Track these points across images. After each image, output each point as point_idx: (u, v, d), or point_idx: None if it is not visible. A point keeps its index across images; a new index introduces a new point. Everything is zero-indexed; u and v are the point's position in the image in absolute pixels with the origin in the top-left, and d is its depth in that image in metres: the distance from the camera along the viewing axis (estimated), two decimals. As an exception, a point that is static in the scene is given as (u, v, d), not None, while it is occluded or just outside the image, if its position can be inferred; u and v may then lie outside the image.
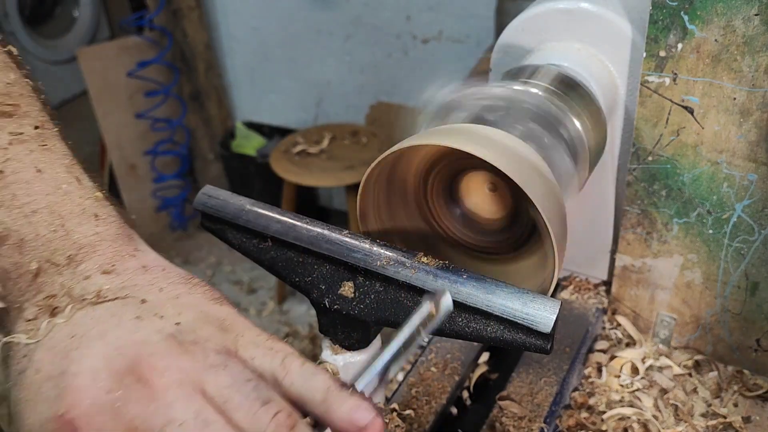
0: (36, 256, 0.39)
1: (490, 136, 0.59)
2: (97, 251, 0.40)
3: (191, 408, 0.34)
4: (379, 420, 0.37)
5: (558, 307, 0.49)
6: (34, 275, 0.39)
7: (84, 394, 0.33)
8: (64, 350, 0.35)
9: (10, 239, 0.39)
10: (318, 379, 0.38)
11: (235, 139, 3.11)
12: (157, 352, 0.35)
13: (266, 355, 0.38)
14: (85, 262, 0.39)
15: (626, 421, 0.76)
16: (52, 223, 0.40)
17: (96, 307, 0.37)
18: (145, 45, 2.93)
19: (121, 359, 0.34)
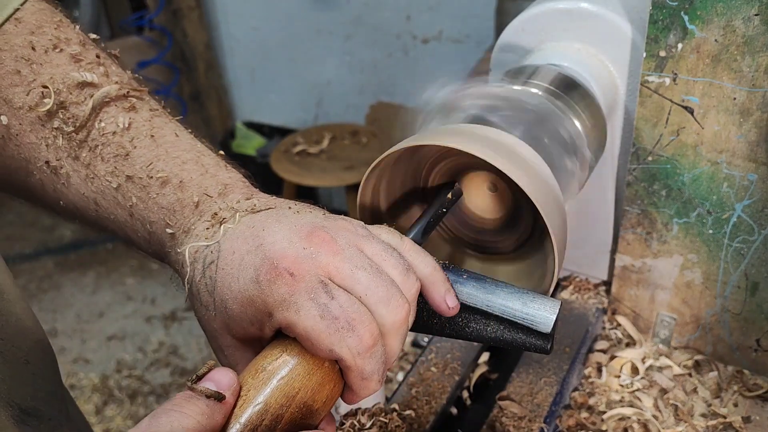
0: (194, 192, 0.49)
1: (490, 136, 0.59)
2: (237, 188, 0.50)
3: (365, 260, 0.44)
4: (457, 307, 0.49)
5: (558, 307, 0.49)
6: (196, 205, 0.48)
7: (287, 252, 0.43)
8: (252, 234, 0.45)
9: (172, 182, 0.49)
10: (428, 258, 0.49)
11: (235, 139, 3.11)
12: (325, 225, 0.45)
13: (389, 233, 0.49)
14: (231, 193, 0.49)
15: (626, 421, 0.76)
16: (200, 170, 0.50)
17: (256, 214, 0.47)
18: (145, 45, 2.93)
19: (303, 228, 0.44)
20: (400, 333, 0.45)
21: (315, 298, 0.42)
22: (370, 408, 0.70)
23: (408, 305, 0.45)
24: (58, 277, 2.92)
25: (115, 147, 0.50)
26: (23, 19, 0.52)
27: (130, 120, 0.51)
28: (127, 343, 2.57)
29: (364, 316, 0.42)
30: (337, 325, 0.41)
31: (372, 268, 0.44)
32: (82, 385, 2.40)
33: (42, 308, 2.75)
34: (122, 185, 0.50)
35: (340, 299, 0.42)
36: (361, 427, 0.67)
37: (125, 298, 2.79)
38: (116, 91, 0.51)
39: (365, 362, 0.43)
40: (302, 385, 0.42)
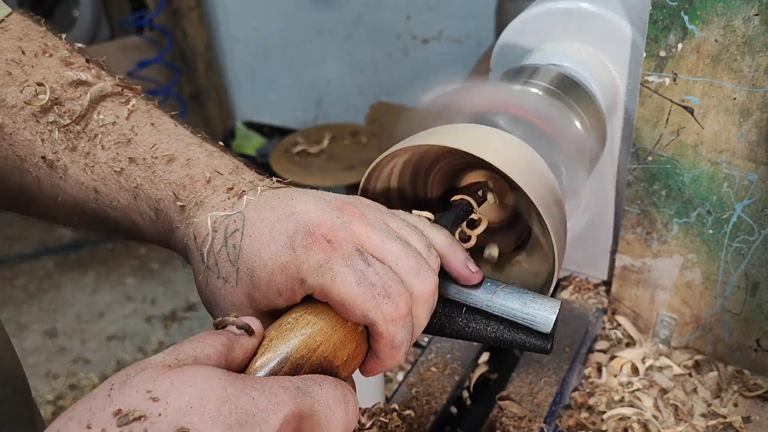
0: (204, 169, 0.49)
1: (490, 136, 0.59)
2: (248, 169, 0.51)
3: (392, 233, 0.46)
4: (480, 272, 0.51)
5: (558, 307, 0.49)
6: (207, 180, 0.48)
7: (322, 219, 0.44)
8: (281, 204, 0.45)
9: (178, 160, 0.49)
10: (444, 232, 0.51)
11: (235, 139, 3.11)
12: (351, 201, 0.47)
13: (406, 214, 0.50)
14: (245, 173, 0.50)
15: (626, 421, 0.76)
16: (205, 152, 0.50)
17: (278, 189, 0.48)
18: (145, 45, 2.93)
19: (333, 201, 0.46)
20: (429, 304, 0.46)
21: (352, 264, 0.43)
22: (370, 408, 0.70)
23: (435, 277, 0.46)
24: (58, 277, 2.92)
25: (116, 135, 0.50)
26: (9, 27, 0.52)
27: (129, 111, 0.51)
28: (127, 343, 2.57)
29: (399, 285, 0.43)
30: (373, 292, 0.42)
31: (399, 240, 0.45)
32: (82, 385, 2.40)
33: (42, 308, 2.75)
34: (125, 168, 0.50)
35: (376, 267, 0.43)
36: (361, 427, 0.67)
37: (125, 298, 2.79)
38: (112, 87, 0.52)
39: (397, 330, 0.43)
40: (324, 339, 0.42)
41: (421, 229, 0.49)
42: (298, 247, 0.43)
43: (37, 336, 2.61)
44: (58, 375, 2.44)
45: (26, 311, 2.73)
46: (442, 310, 0.52)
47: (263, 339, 0.41)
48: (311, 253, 0.43)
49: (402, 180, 0.63)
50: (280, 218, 0.44)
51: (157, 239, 0.51)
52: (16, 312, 2.73)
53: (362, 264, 0.43)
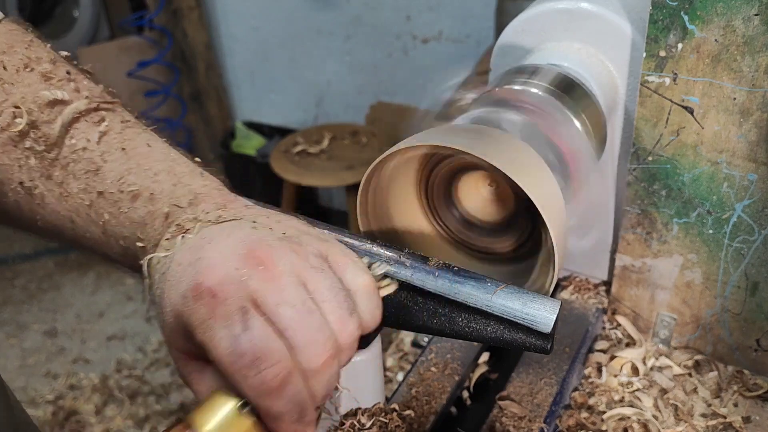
0: (165, 203, 0.48)
1: (490, 135, 0.59)
2: (209, 196, 0.49)
3: (299, 296, 0.41)
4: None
5: (558, 307, 0.49)
6: (165, 217, 0.47)
7: (218, 270, 0.41)
8: (198, 246, 0.43)
9: (143, 195, 0.49)
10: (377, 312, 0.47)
11: (235, 139, 3.11)
12: (272, 245, 0.43)
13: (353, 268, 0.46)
14: (202, 203, 0.48)
15: (626, 421, 0.76)
16: (172, 180, 0.49)
17: (218, 225, 0.46)
18: (145, 45, 2.92)
19: (243, 247, 0.42)
20: (323, 377, 0.42)
21: (229, 326, 0.40)
22: (370, 408, 0.70)
23: (332, 351, 0.42)
24: (58, 277, 2.92)
25: (86, 163, 0.49)
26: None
27: (100, 134, 0.50)
28: (127, 343, 2.57)
29: (274, 354, 0.40)
30: (242, 361, 0.39)
31: (303, 305, 0.41)
32: (82, 385, 2.40)
33: (42, 308, 2.75)
34: (94, 202, 0.49)
35: (254, 332, 0.40)
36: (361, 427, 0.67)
37: (125, 298, 2.79)
38: (86, 105, 0.51)
39: (271, 403, 0.41)
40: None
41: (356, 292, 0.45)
42: (188, 298, 0.41)
43: (37, 336, 2.61)
44: (58, 375, 2.44)
45: (26, 311, 2.73)
46: (442, 310, 0.52)
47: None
48: (196, 306, 0.41)
49: (403, 180, 0.63)
50: (191, 263, 0.42)
51: (130, 268, 0.51)
52: (16, 312, 2.73)
53: (239, 327, 0.40)
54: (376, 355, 0.61)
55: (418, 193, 0.65)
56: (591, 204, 0.84)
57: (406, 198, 0.65)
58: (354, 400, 0.63)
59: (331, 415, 0.64)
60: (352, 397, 0.62)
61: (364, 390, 0.62)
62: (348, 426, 0.66)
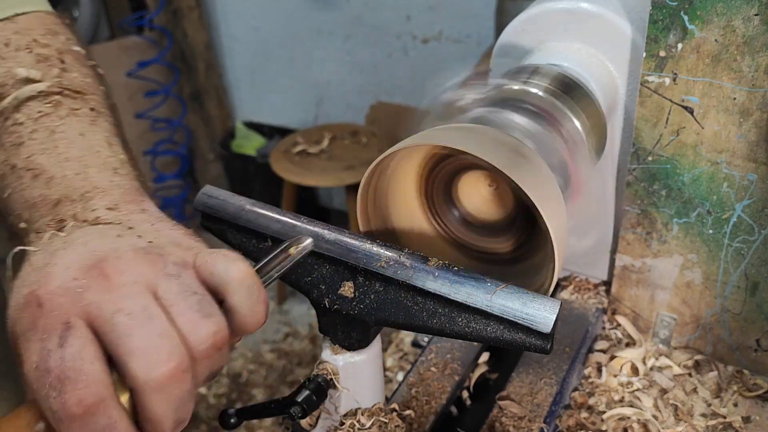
0: (59, 190, 0.47)
1: (489, 136, 0.59)
2: (107, 194, 0.48)
3: (140, 303, 0.38)
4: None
5: (558, 307, 0.49)
6: (54, 204, 0.46)
7: (54, 278, 0.39)
8: (53, 251, 0.41)
9: (43, 176, 0.48)
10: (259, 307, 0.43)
11: (235, 139, 3.11)
12: (123, 257, 0.40)
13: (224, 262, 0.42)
14: (94, 199, 0.47)
15: (626, 421, 0.76)
16: (78, 169, 0.48)
17: (91, 227, 0.44)
18: (145, 45, 2.92)
19: (91, 258, 0.40)
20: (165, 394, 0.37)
21: (45, 340, 0.36)
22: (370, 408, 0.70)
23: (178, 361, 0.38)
24: (58, 277, 2.91)
25: (15, 137, 0.50)
26: (17, 20, 0.55)
27: (40, 114, 0.51)
28: (127, 343, 2.57)
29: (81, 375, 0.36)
30: (45, 380, 0.36)
31: (143, 312, 0.38)
32: (82, 385, 2.39)
33: (42, 308, 2.74)
34: (6, 174, 0.50)
35: (69, 349, 0.36)
36: (361, 427, 0.67)
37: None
38: (47, 87, 0.51)
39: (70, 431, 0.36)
40: None
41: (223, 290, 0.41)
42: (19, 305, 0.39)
43: (37, 336, 2.61)
44: (58, 375, 2.44)
45: (26, 311, 2.73)
46: (442, 310, 0.52)
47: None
48: (22, 315, 0.38)
49: (403, 180, 0.63)
50: (38, 267, 0.40)
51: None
52: (16, 312, 2.72)
53: (55, 343, 0.36)
54: (376, 355, 0.61)
55: (418, 193, 0.65)
56: (591, 204, 0.84)
57: (406, 198, 0.65)
58: (354, 400, 0.63)
59: (331, 415, 0.64)
60: (352, 397, 0.62)
61: (364, 390, 0.62)
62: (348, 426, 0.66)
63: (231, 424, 0.56)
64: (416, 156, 0.61)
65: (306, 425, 0.65)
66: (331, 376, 0.59)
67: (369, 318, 0.55)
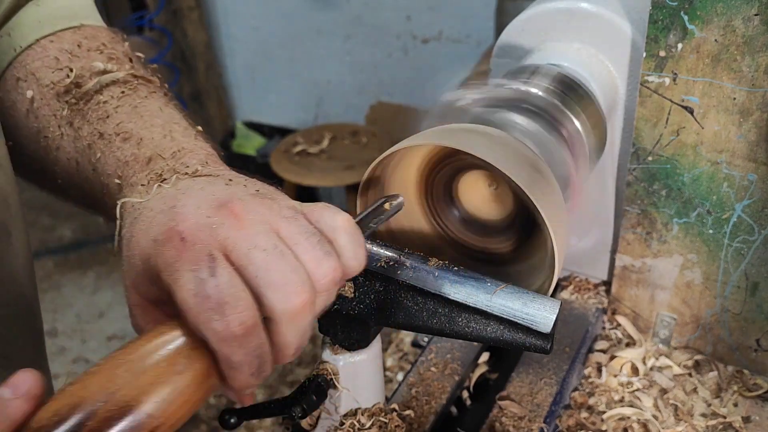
0: (149, 150, 0.51)
1: (490, 135, 0.59)
2: (195, 153, 0.51)
3: (271, 240, 0.42)
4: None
5: (558, 307, 0.49)
6: (147, 161, 0.50)
7: (189, 216, 0.42)
8: (173, 196, 0.45)
9: (132, 139, 0.52)
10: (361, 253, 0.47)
11: (235, 139, 3.11)
12: (244, 198, 0.44)
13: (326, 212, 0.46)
14: (185, 157, 0.50)
15: (626, 421, 0.76)
16: (164, 133, 0.53)
17: (195, 178, 0.47)
18: (145, 45, 2.92)
19: (217, 199, 0.44)
20: (296, 323, 0.42)
21: (196, 270, 0.40)
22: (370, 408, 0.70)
23: (309, 294, 0.42)
24: (58, 277, 2.91)
25: (101, 112, 0.55)
26: (83, 29, 0.62)
27: (122, 93, 0.56)
28: (127, 343, 2.57)
29: (239, 301, 0.40)
30: (206, 305, 0.39)
31: (275, 249, 0.42)
32: (82, 385, 2.40)
33: (42, 308, 2.74)
34: (95, 142, 0.54)
35: (220, 278, 0.40)
36: (361, 427, 0.67)
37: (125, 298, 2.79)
38: (124, 75, 0.57)
39: (232, 351, 0.40)
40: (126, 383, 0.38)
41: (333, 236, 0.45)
42: (158, 242, 0.42)
43: (37, 336, 2.61)
44: (58, 375, 2.43)
45: (26, 311, 2.73)
46: (442, 310, 0.52)
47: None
48: (165, 249, 0.41)
49: (403, 180, 0.63)
50: (162, 210, 0.44)
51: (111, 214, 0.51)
52: (16, 312, 2.73)
53: (206, 272, 0.40)
54: (376, 355, 0.61)
55: (418, 193, 0.65)
56: (591, 204, 0.84)
57: (406, 198, 0.65)
58: (354, 400, 0.63)
59: (331, 415, 0.64)
60: (352, 397, 0.62)
61: (364, 390, 0.62)
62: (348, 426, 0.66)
63: (231, 424, 0.56)
64: (416, 156, 0.61)
65: (306, 425, 0.65)
66: (331, 376, 0.59)
67: (369, 318, 0.55)
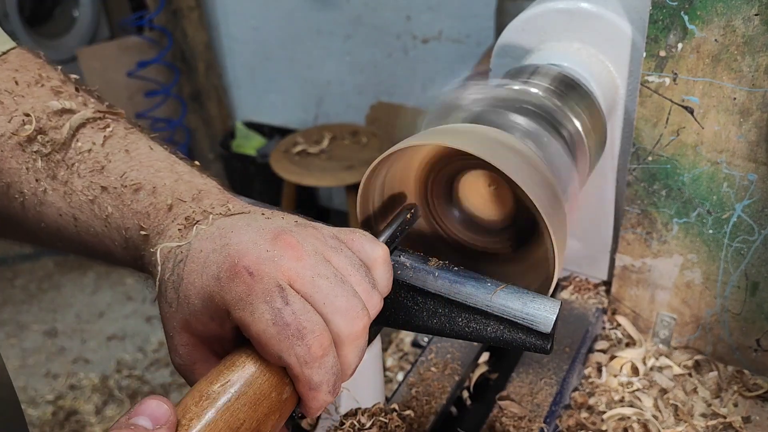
0: (168, 196, 0.50)
1: (490, 136, 0.59)
2: (211, 193, 0.51)
3: (330, 269, 0.45)
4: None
5: (558, 307, 0.49)
6: (168, 208, 0.50)
7: (250, 252, 0.44)
8: (220, 235, 0.46)
9: (145, 188, 0.51)
10: (389, 274, 0.50)
11: (235, 139, 3.11)
12: (293, 230, 0.46)
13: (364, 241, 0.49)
14: (205, 199, 0.50)
15: (626, 421, 0.76)
16: (173, 177, 0.52)
17: (230, 217, 0.48)
18: (145, 45, 2.93)
19: (269, 232, 0.45)
20: (357, 345, 0.45)
21: (270, 301, 0.42)
22: (370, 408, 0.70)
23: (368, 318, 0.45)
24: (58, 277, 2.92)
25: (91, 163, 0.52)
26: (8, 59, 0.56)
27: (105, 137, 0.53)
28: (127, 343, 2.57)
29: (316, 326, 0.43)
30: (287, 332, 0.42)
31: (335, 277, 0.45)
32: (82, 385, 2.40)
33: (42, 308, 2.74)
34: (98, 197, 0.52)
35: (294, 306, 0.43)
36: (361, 427, 0.67)
37: (125, 298, 2.79)
38: (92, 113, 0.54)
39: (313, 372, 0.43)
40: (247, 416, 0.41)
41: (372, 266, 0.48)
42: (223, 279, 0.43)
43: (37, 336, 2.61)
44: (58, 375, 2.44)
45: (26, 311, 2.73)
46: (442, 310, 0.52)
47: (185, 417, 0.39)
48: (233, 285, 0.43)
49: (404, 180, 0.63)
50: (215, 249, 0.45)
51: (129, 264, 0.53)
52: (16, 312, 2.73)
53: (280, 302, 0.42)
54: (376, 355, 0.61)
55: (418, 193, 0.65)
56: (591, 204, 0.84)
57: (406, 197, 0.65)
58: (354, 400, 0.63)
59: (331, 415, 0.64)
60: (352, 397, 0.62)
61: (364, 390, 0.62)
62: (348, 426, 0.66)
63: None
64: (416, 156, 0.61)
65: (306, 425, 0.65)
66: (331, 376, 0.58)
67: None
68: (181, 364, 0.48)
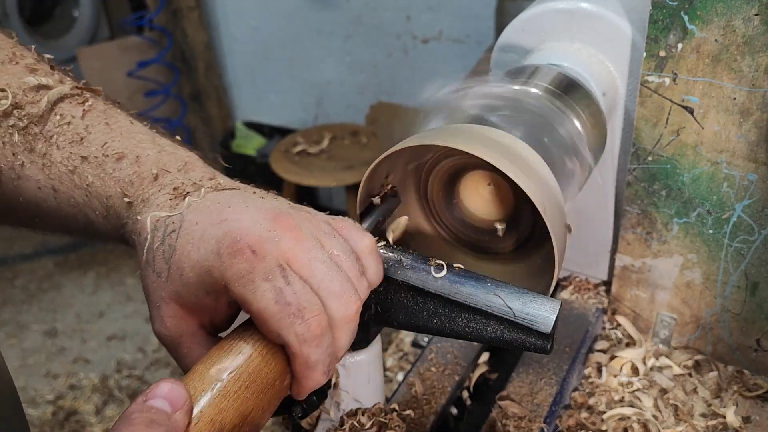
0: (152, 165, 0.50)
1: (490, 136, 0.59)
2: (197, 166, 0.51)
3: (324, 253, 0.46)
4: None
5: (558, 307, 0.49)
6: (154, 177, 0.49)
7: (252, 231, 0.44)
8: (217, 209, 0.46)
9: (128, 157, 0.50)
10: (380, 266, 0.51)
11: (235, 139, 3.11)
12: (291, 213, 0.47)
13: (352, 229, 0.50)
14: (192, 171, 0.50)
15: (626, 421, 0.76)
16: (156, 148, 0.51)
17: (221, 192, 0.48)
18: (145, 45, 2.93)
19: (269, 212, 0.46)
20: (349, 328, 0.47)
21: (272, 280, 0.43)
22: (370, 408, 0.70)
23: (360, 302, 0.47)
24: (58, 277, 2.91)
25: (70, 135, 0.52)
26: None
27: (84, 110, 0.53)
28: (127, 343, 2.57)
29: (315, 306, 0.44)
30: (288, 311, 0.43)
31: (330, 262, 0.46)
32: (82, 385, 2.40)
33: (42, 308, 2.74)
34: (78, 167, 0.51)
35: (295, 286, 0.44)
36: (361, 427, 0.67)
37: (125, 298, 2.79)
38: (70, 89, 0.53)
39: (311, 350, 0.44)
40: (255, 404, 0.43)
41: (360, 253, 0.49)
42: (223, 255, 0.44)
43: (37, 336, 2.61)
44: (58, 375, 2.44)
45: (26, 311, 2.73)
46: (442, 310, 0.52)
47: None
48: (235, 261, 0.43)
49: (402, 180, 0.63)
50: (213, 223, 0.45)
51: (110, 235, 0.53)
52: (16, 312, 2.73)
53: (282, 281, 0.43)
54: (376, 355, 0.61)
55: (418, 193, 0.65)
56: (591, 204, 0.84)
57: (406, 198, 0.65)
58: (354, 400, 0.63)
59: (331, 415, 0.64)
60: (352, 397, 0.62)
61: (364, 390, 0.62)
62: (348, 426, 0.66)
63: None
64: (416, 156, 0.61)
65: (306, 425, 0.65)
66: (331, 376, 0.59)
67: (369, 318, 0.55)
68: (166, 335, 0.48)
